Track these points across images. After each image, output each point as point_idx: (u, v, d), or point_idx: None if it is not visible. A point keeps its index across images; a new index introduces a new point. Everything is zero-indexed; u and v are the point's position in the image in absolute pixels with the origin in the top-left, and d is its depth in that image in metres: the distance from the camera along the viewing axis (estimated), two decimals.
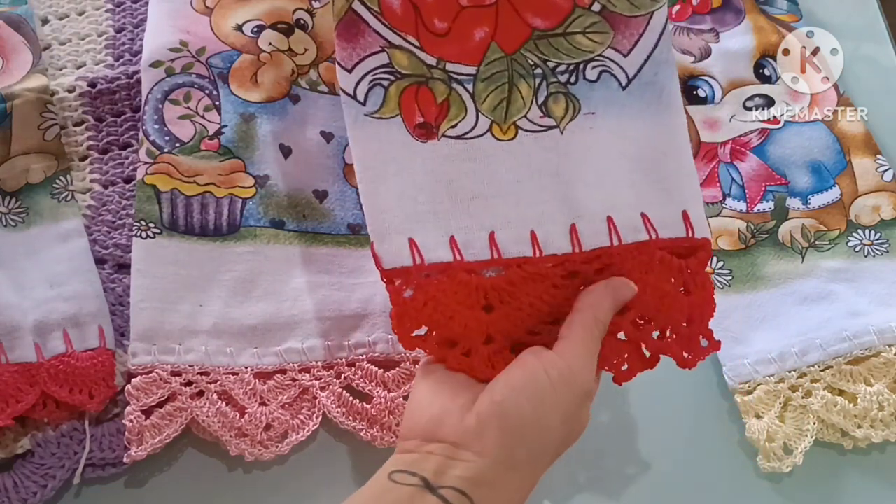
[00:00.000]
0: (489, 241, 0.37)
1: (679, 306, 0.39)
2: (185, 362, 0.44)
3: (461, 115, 0.38)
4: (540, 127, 0.38)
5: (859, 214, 0.51)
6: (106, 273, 0.47)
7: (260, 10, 0.54)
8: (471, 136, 0.38)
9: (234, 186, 0.49)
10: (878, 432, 0.44)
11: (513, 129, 0.38)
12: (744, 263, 0.50)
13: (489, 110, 0.38)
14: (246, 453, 0.42)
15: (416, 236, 0.36)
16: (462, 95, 0.38)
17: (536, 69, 0.38)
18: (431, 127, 0.37)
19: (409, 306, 0.36)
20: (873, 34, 0.61)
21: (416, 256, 0.36)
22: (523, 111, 0.38)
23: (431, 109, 0.37)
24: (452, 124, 0.38)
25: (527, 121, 0.38)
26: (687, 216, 0.38)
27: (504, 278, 0.37)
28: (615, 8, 0.38)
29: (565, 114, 0.38)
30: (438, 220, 0.37)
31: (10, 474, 0.42)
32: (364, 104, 0.37)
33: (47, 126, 0.49)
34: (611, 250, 0.38)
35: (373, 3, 0.37)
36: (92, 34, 0.55)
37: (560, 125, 0.38)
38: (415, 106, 0.37)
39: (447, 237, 0.37)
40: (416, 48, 0.37)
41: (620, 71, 0.39)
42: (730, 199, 0.52)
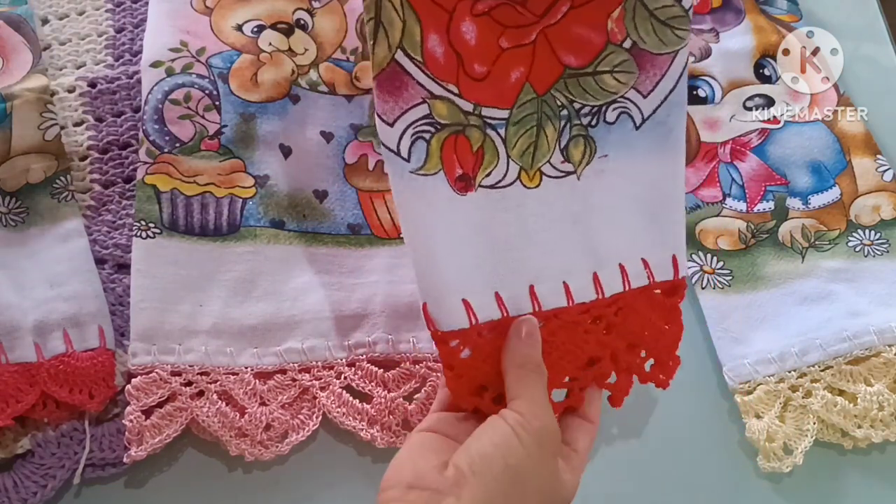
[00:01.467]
0: (530, 295, 0.38)
1: (664, 338, 0.41)
2: (185, 362, 0.44)
3: (494, 163, 0.38)
4: (560, 172, 0.39)
5: (859, 214, 0.51)
6: (106, 273, 0.47)
7: (260, 10, 0.54)
8: (503, 184, 0.38)
9: (234, 186, 0.49)
10: (877, 432, 0.44)
11: (538, 175, 0.39)
12: (744, 263, 0.50)
13: (518, 156, 0.38)
14: (246, 453, 0.42)
15: (468, 297, 0.37)
16: (495, 141, 0.38)
17: (563, 110, 0.39)
18: (470, 179, 0.37)
19: (467, 366, 0.37)
20: (873, 34, 0.61)
21: (472, 317, 0.37)
22: (547, 156, 0.39)
23: (468, 159, 0.37)
24: (487, 173, 0.38)
25: (550, 166, 0.39)
26: (675, 260, 0.40)
27: (545, 330, 0.38)
28: (644, 45, 0.38)
29: (582, 158, 0.39)
30: (484, 276, 0.38)
31: (10, 474, 0.42)
32: (408, 160, 0.36)
33: (47, 126, 0.49)
34: (624, 295, 0.40)
35: (416, 54, 0.35)
36: (92, 34, 0.55)
37: (577, 170, 0.39)
38: (454, 157, 0.37)
39: (492, 293, 0.38)
40: (455, 95, 0.37)
41: (637, 111, 0.39)
42: (730, 199, 0.52)
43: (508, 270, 0.38)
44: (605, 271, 0.40)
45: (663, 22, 0.39)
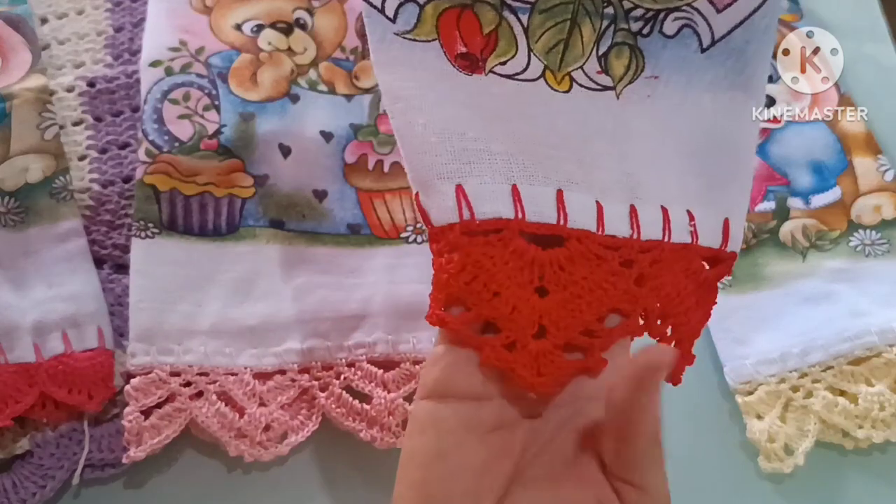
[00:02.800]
0: (556, 202, 0.29)
1: (692, 317, 0.33)
2: (184, 363, 0.44)
3: (511, 53, 0.30)
4: (596, 85, 0.31)
5: (861, 214, 0.51)
6: (105, 273, 0.47)
7: (259, 10, 0.54)
8: (523, 78, 0.30)
9: (234, 186, 0.49)
10: (879, 433, 0.44)
11: (567, 80, 0.31)
12: (745, 263, 0.50)
13: (543, 51, 0.31)
14: (245, 454, 0.42)
15: (465, 182, 0.28)
16: (514, 28, 0.30)
17: (608, 7, 0.31)
18: (477, 59, 0.30)
19: (446, 270, 0.28)
20: (874, 34, 0.61)
21: (465, 210, 0.28)
22: (580, 61, 0.31)
23: (476, 40, 0.30)
24: (501, 61, 0.30)
25: (582, 73, 0.31)
26: (727, 226, 0.33)
27: (564, 252, 0.29)
28: None
29: (626, 72, 0.32)
30: (496, 163, 0.29)
31: (9, 475, 0.42)
32: (394, 21, 0.29)
33: (46, 126, 0.49)
34: (662, 245, 0.31)
35: None
36: (91, 33, 0.55)
37: (617, 87, 0.31)
38: (456, 33, 0.29)
39: (508, 185, 0.29)
40: None
41: (706, 28, 0.31)
42: None
43: (532, 162, 0.29)
44: (644, 208, 0.31)
45: None
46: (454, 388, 0.29)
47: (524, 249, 0.29)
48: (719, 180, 0.33)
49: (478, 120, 0.29)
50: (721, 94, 0.32)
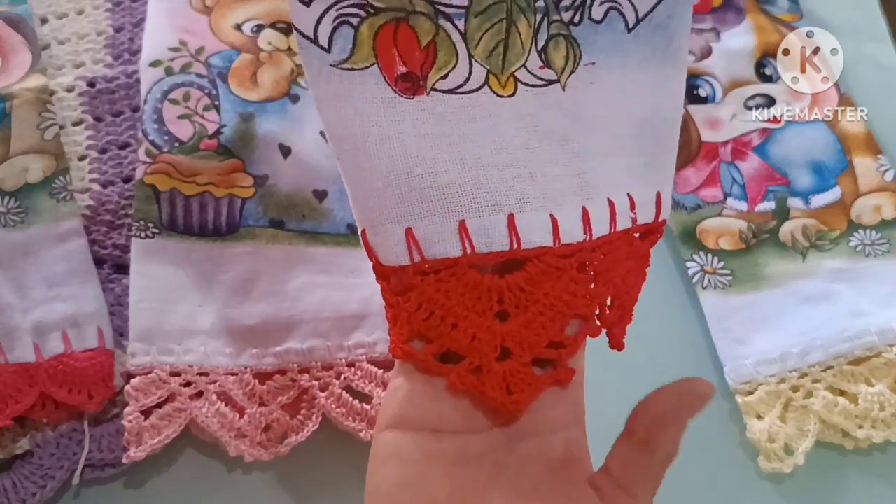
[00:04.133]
0: (508, 228, 0.29)
1: (634, 290, 0.34)
2: (184, 363, 0.44)
3: (451, 63, 0.29)
4: (541, 80, 0.31)
5: (861, 214, 0.51)
6: (105, 273, 0.47)
7: (259, 10, 0.54)
8: (466, 89, 0.29)
9: (234, 186, 0.49)
10: (879, 433, 0.44)
11: (512, 82, 0.30)
12: (745, 264, 0.50)
13: (484, 56, 0.29)
14: (245, 454, 0.42)
15: (414, 223, 0.29)
16: (451, 35, 0.29)
17: (538, 1, 0.30)
18: (417, 78, 0.29)
19: (404, 309, 0.29)
20: (874, 34, 0.61)
21: (414, 252, 0.29)
22: (522, 59, 0.30)
23: (415, 55, 0.28)
24: (442, 74, 0.29)
25: (526, 72, 0.30)
26: (659, 199, 0.33)
27: (523, 276, 0.29)
28: None
29: (566, 64, 0.31)
30: (444, 198, 0.29)
31: (8, 475, 0.42)
32: (329, 51, 0.28)
33: (46, 126, 0.49)
34: (610, 237, 0.32)
35: None
36: (91, 33, 0.55)
37: (560, 79, 0.31)
38: (394, 52, 0.28)
39: (455, 222, 0.29)
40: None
41: (630, 9, 0.32)
42: (731, 199, 0.52)
43: (479, 188, 0.29)
44: (595, 205, 0.31)
45: None
46: (415, 419, 0.29)
47: (479, 280, 0.29)
48: (655, 157, 0.33)
49: (425, 150, 0.29)
50: (652, 71, 0.32)
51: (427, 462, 0.28)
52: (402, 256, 0.29)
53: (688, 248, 0.50)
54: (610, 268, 0.32)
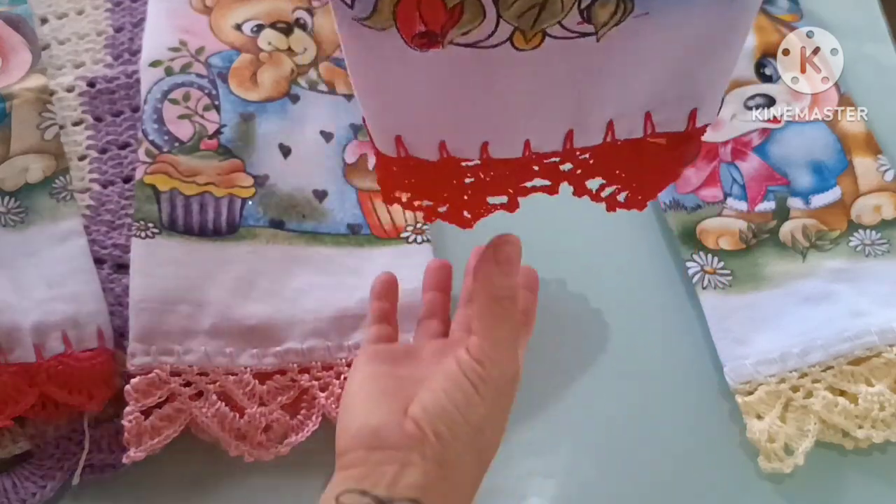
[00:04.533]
0: (480, 149, 0.34)
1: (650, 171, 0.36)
2: (184, 363, 0.44)
3: (477, 21, 0.29)
4: (573, 33, 0.30)
5: (861, 214, 0.51)
6: (105, 273, 0.47)
7: (259, 10, 0.54)
8: (485, 44, 0.30)
9: (234, 186, 0.49)
10: (879, 433, 0.44)
11: (539, 36, 0.30)
12: (745, 264, 0.50)
13: (514, 17, 0.29)
14: (245, 454, 0.42)
15: (404, 135, 0.33)
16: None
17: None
18: (436, 36, 0.29)
19: (391, 175, 0.35)
20: (874, 33, 0.61)
21: (401, 151, 0.34)
22: (558, 17, 0.29)
23: (438, 17, 0.28)
24: (464, 31, 0.29)
25: (559, 27, 0.29)
26: (694, 115, 0.34)
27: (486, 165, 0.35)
28: None
29: (611, 19, 0.30)
30: (432, 128, 0.33)
31: (8, 475, 0.42)
32: (351, 6, 0.29)
33: (46, 126, 0.49)
34: (601, 146, 0.35)
35: None
36: (91, 33, 0.55)
37: (598, 32, 0.30)
38: (415, 16, 0.28)
39: (437, 142, 0.34)
40: None
41: None
42: (731, 199, 0.52)
43: (463, 131, 0.33)
44: (583, 128, 0.34)
45: None
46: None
47: (454, 164, 0.34)
48: (694, 85, 0.33)
49: (427, 99, 0.32)
50: (714, 16, 0.31)
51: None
52: (391, 150, 0.34)
53: (688, 248, 0.50)
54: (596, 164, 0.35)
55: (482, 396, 0.33)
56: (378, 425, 0.33)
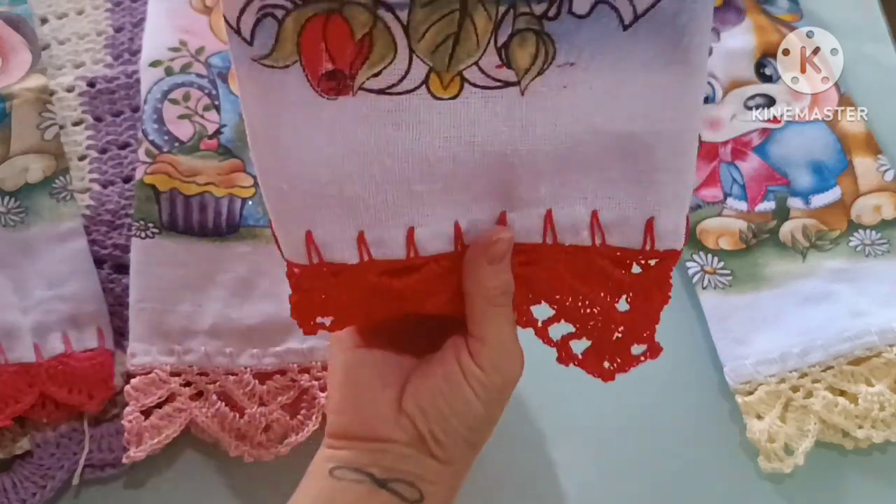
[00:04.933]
0: (406, 241, 0.29)
1: (612, 321, 0.32)
2: (184, 363, 0.44)
3: (388, 58, 0.26)
4: (494, 82, 0.27)
5: (861, 214, 0.51)
6: (105, 273, 0.47)
7: None
8: (399, 90, 0.27)
9: (234, 186, 0.49)
10: (879, 433, 0.44)
11: (457, 81, 0.27)
12: (745, 264, 0.50)
13: (428, 51, 0.26)
14: (245, 454, 0.42)
15: (315, 229, 0.29)
16: (392, 28, 0.26)
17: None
18: (344, 77, 0.26)
19: (306, 296, 0.31)
20: (874, 33, 0.61)
21: (314, 255, 0.29)
22: (475, 56, 0.27)
23: (346, 50, 0.26)
24: (375, 71, 0.26)
25: (477, 70, 0.27)
26: (651, 225, 0.30)
27: (419, 277, 0.30)
28: None
29: (532, 64, 0.27)
30: (345, 209, 0.29)
31: (8, 475, 0.42)
32: (251, 44, 0.26)
33: (46, 126, 0.49)
34: (541, 248, 0.31)
35: None
36: (91, 33, 0.55)
37: (521, 81, 0.27)
38: (321, 47, 0.26)
39: (355, 232, 0.29)
40: None
41: (626, 2, 0.27)
42: (731, 199, 0.52)
43: (384, 205, 0.29)
44: (519, 214, 0.30)
45: None
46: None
47: (376, 283, 0.30)
48: (649, 177, 0.29)
49: (336, 159, 0.28)
50: (656, 74, 0.27)
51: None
52: (302, 257, 0.30)
53: (688, 249, 0.50)
54: (538, 277, 0.31)
55: (482, 401, 0.32)
56: (371, 417, 0.33)
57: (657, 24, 0.27)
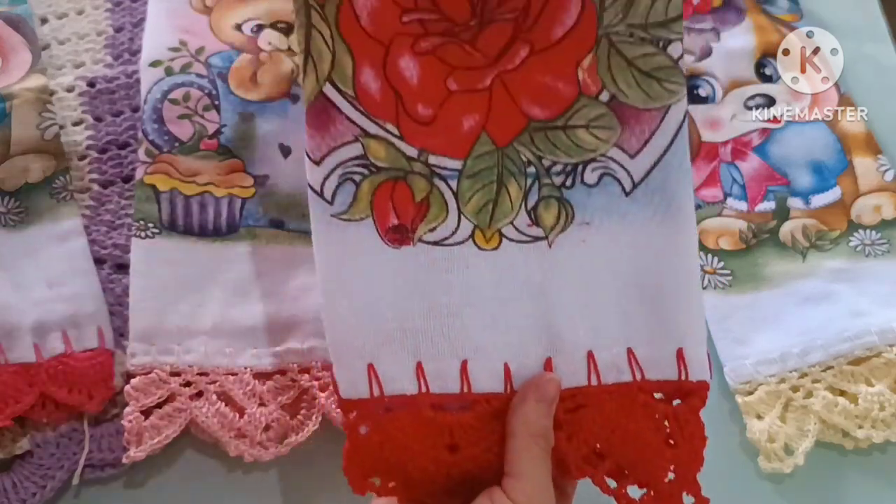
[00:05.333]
0: (460, 373, 0.33)
1: (662, 459, 0.35)
2: (184, 363, 0.44)
3: (441, 217, 0.33)
4: (526, 237, 0.34)
5: (861, 214, 0.51)
6: (105, 273, 0.47)
7: (259, 10, 0.54)
8: (450, 242, 0.33)
9: (234, 186, 0.49)
10: (879, 433, 0.44)
11: (497, 236, 0.34)
12: (745, 264, 0.50)
13: (473, 212, 0.34)
14: (245, 454, 0.42)
15: (377, 363, 0.33)
16: (444, 194, 0.33)
17: (529, 167, 0.34)
18: (407, 231, 0.33)
19: (364, 444, 0.33)
20: (874, 34, 0.61)
21: (375, 386, 0.32)
22: (510, 216, 0.34)
23: (408, 209, 0.33)
24: (431, 227, 0.33)
25: (513, 228, 0.34)
26: (682, 355, 0.34)
27: (472, 415, 0.33)
28: (626, 98, 0.33)
29: (556, 223, 0.34)
30: (407, 341, 0.33)
31: (8, 475, 0.42)
32: (331, 203, 0.32)
33: (46, 126, 0.49)
34: (588, 390, 0.34)
35: (347, 87, 0.32)
36: (91, 33, 0.55)
37: (549, 237, 0.34)
38: (389, 205, 0.33)
39: (413, 363, 0.33)
40: (395, 137, 0.33)
41: (625, 174, 0.34)
42: (731, 199, 0.52)
43: (441, 337, 0.33)
44: (563, 359, 0.34)
45: (647, 73, 0.33)
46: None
47: (432, 417, 0.33)
48: (668, 313, 0.34)
49: (399, 298, 0.33)
50: (654, 231, 0.34)
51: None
52: (363, 390, 0.33)
53: None
54: (583, 421, 0.34)
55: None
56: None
57: (651, 190, 0.34)
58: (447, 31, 0.33)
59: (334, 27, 0.32)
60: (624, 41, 0.33)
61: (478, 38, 0.33)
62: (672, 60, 0.33)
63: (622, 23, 0.33)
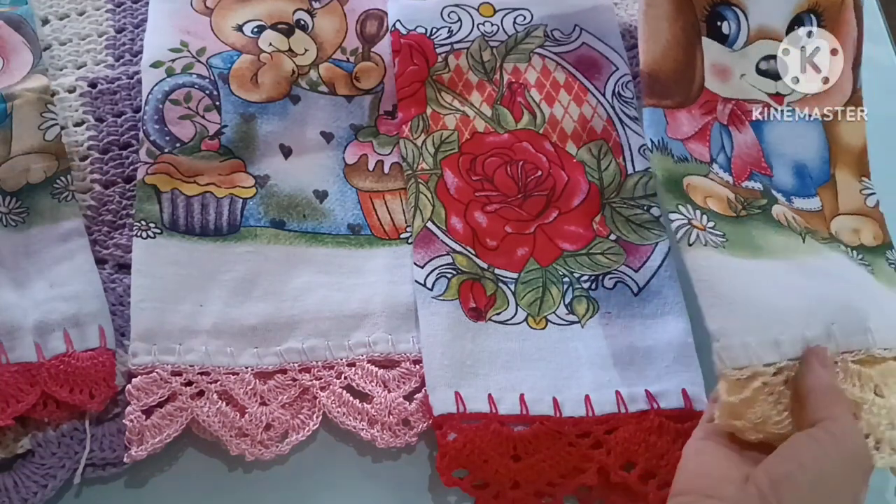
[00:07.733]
0: (519, 400, 0.45)
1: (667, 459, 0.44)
2: (185, 362, 0.44)
3: (504, 307, 0.48)
4: (565, 322, 0.48)
5: (839, 232, 0.49)
6: (106, 273, 0.47)
7: (260, 11, 0.54)
8: (511, 322, 0.47)
9: (235, 186, 0.49)
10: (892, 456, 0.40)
11: (543, 321, 0.48)
12: (739, 231, 0.44)
13: (526, 305, 0.48)
14: (246, 453, 0.42)
15: (461, 390, 0.44)
16: (506, 292, 0.48)
17: (565, 278, 0.49)
18: (481, 311, 0.47)
19: (451, 447, 0.42)
20: (873, 34, 0.61)
21: (460, 405, 0.44)
22: (553, 308, 0.48)
23: (482, 299, 0.48)
24: (497, 312, 0.47)
25: (555, 316, 0.48)
26: (686, 394, 0.45)
27: (529, 432, 0.43)
28: (627, 238, 0.50)
29: (586, 312, 0.48)
30: (479, 380, 0.45)
31: (10, 474, 0.42)
32: (431, 290, 0.47)
33: (48, 126, 0.49)
34: (618, 416, 0.45)
35: (442, 225, 0.49)
36: (92, 34, 0.55)
37: (581, 321, 0.48)
38: (470, 294, 0.47)
39: (486, 394, 0.44)
40: (472, 255, 0.49)
41: (633, 282, 0.49)
42: (716, 166, 0.48)
43: (504, 379, 0.45)
44: (598, 395, 0.45)
45: (639, 224, 0.50)
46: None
47: (499, 430, 0.43)
48: (670, 367, 0.46)
49: (476, 353, 0.46)
50: (657, 319, 0.48)
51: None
52: (451, 407, 0.44)
53: (672, 198, 0.44)
54: (616, 436, 0.44)
55: (833, 466, 0.34)
56: (717, 480, 0.35)
57: (652, 293, 0.49)
58: (502, 200, 0.51)
59: (433, 193, 0.50)
60: (620, 206, 0.51)
61: (523, 205, 0.51)
62: (654, 217, 0.51)
63: (617, 196, 0.52)
